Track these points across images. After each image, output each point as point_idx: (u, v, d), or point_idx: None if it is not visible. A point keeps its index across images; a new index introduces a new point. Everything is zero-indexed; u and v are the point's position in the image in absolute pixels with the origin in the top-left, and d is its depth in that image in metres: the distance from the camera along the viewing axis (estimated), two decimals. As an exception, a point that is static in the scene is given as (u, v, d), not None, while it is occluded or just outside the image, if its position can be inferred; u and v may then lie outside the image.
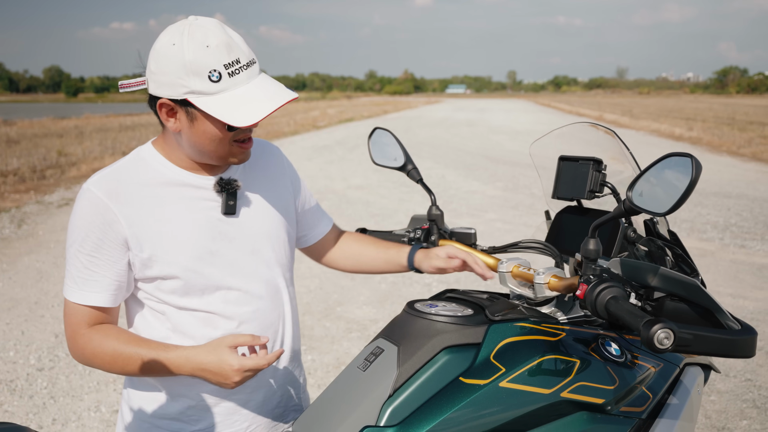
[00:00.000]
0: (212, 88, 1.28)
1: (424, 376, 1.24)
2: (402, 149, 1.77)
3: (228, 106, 1.28)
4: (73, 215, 1.38)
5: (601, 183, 1.56)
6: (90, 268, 1.37)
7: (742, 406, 3.58)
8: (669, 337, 1.01)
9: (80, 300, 1.38)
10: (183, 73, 1.27)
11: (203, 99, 1.28)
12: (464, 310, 1.36)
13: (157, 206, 1.38)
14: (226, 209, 1.44)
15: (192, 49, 1.26)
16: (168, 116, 1.34)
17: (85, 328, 1.39)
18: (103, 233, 1.36)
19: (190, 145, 1.38)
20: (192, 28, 1.28)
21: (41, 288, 5.61)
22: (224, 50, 1.27)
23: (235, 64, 1.28)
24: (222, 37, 1.28)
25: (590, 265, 1.26)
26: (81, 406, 3.55)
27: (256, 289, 1.48)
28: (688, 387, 1.44)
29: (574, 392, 1.27)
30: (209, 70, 1.27)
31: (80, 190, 1.38)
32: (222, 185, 1.43)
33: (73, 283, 1.38)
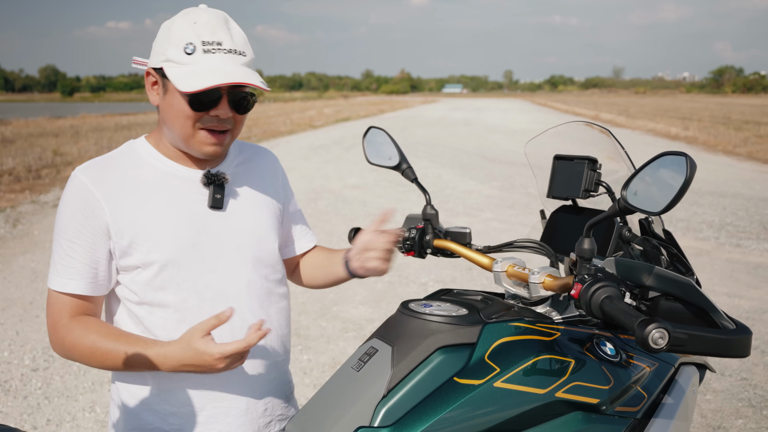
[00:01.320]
0: (184, 59, 1.31)
1: (418, 377, 1.24)
2: (397, 148, 1.76)
3: (186, 75, 1.30)
4: (60, 202, 1.40)
5: (596, 182, 1.56)
6: (70, 254, 1.37)
7: (738, 405, 3.58)
8: (664, 337, 1.01)
9: (59, 287, 1.38)
10: (166, 42, 1.33)
11: (173, 68, 1.32)
12: (458, 310, 1.35)
13: (142, 195, 1.39)
14: (213, 203, 1.42)
15: (180, 23, 1.33)
16: (152, 86, 1.39)
17: (66, 319, 1.38)
18: (86, 219, 1.36)
19: (164, 122, 1.40)
20: (192, 9, 1.36)
21: (36, 288, 5.58)
22: (208, 29, 1.32)
23: (213, 44, 1.32)
24: (214, 21, 1.33)
25: (585, 265, 1.25)
26: (75, 407, 3.54)
27: (235, 288, 1.44)
28: (683, 386, 1.44)
29: (569, 392, 1.27)
30: (186, 42, 1.31)
31: (70, 176, 1.40)
32: (209, 178, 1.43)
33: (54, 270, 1.39)
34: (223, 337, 1.38)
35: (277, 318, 1.54)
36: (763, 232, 7.75)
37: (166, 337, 1.40)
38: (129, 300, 1.42)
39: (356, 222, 8.02)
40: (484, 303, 1.42)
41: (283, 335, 1.56)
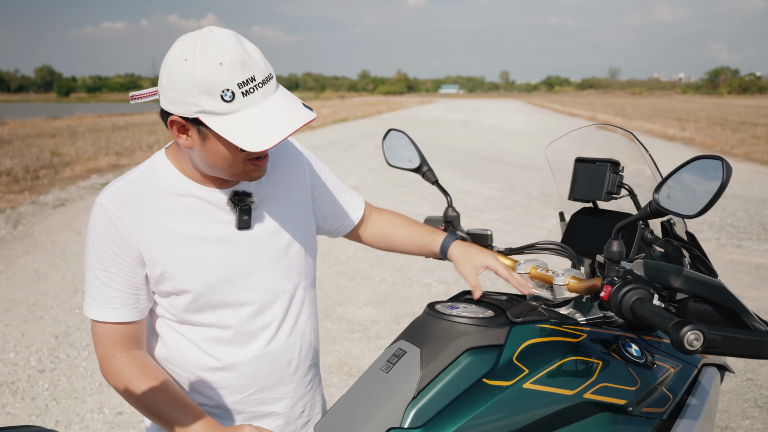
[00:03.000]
0: (225, 108, 1.19)
1: (447, 378, 1.24)
2: (417, 150, 1.77)
3: (241, 127, 1.20)
4: (89, 231, 1.35)
5: (619, 185, 1.57)
6: (108, 284, 1.34)
7: (744, 405, 3.60)
8: (699, 339, 1.02)
9: (102, 317, 1.35)
10: (195, 91, 1.19)
11: (215, 119, 1.20)
12: (485, 311, 1.36)
13: (170, 221, 1.34)
14: (240, 224, 1.39)
15: (204, 66, 1.17)
16: (179, 133, 1.27)
17: (120, 352, 1.35)
18: (119, 248, 1.33)
19: (202, 162, 1.32)
20: (205, 43, 1.19)
21: (39, 289, 5.58)
22: (238, 68, 1.18)
23: (249, 82, 1.19)
24: (237, 53, 1.19)
25: (614, 267, 1.27)
26: (84, 408, 3.54)
27: (270, 301, 1.45)
28: (707, 387, 1.45)
29: (596, 393, 1.28)
30: (222, 90, 1.18)
31: (94, 206, 1.35)
32: (236, 202, 1.38)
33: (92, 301, 1.35)
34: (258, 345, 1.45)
35: (310, 323, 1.55)
36: (763, 232, 7.78)
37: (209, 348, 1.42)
38: (168, 318, 1.43)
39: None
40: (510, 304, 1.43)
41: (314, 338, 1.58)
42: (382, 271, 6.05)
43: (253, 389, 1.47)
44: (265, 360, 1.46)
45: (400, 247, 1.72)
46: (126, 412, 3.49)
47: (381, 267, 6.17)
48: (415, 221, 1.73)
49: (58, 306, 5.16)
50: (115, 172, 13.25)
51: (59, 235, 7.54)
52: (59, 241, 7.28)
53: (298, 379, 1.53)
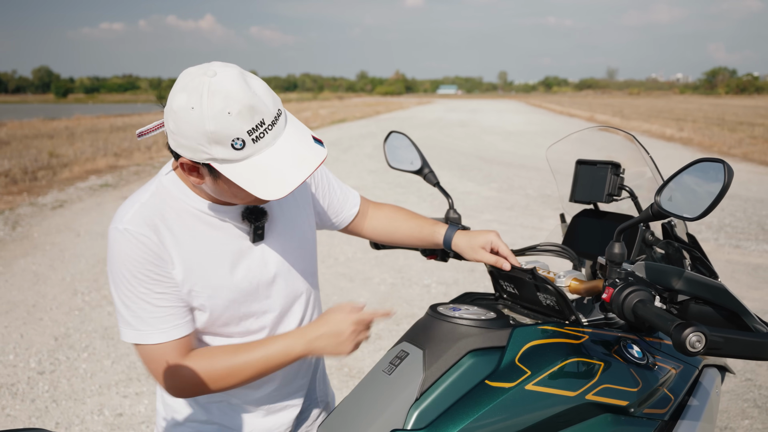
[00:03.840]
0: (236, 156, 1.19)
1: (450, 380, 1.25)
2: (418, 153, 1.78)
3: (254, 174, 1.20)
4: (117, 262, 1.30)
5: (619, 186, 1.58)
6: (161, 305, 1.31)
7: (743, 405, 3.61)
8: (701, 341, 1.03)
9: (165, 338, 1.32)
10: (204, 140, 1.17)
11: (227, 166, 1.20)
12: (487, 313, 1.37)
13: (191, 240, 1.34)
14: (255, 238, 1.40)
15: (212, 117, 1.15)
16: (189, 172, 1.26)
17: (183, 360, 1.34)
18: (158, 267, 1.30)
19: (213, 194, 1.32)
20: (212, 90, 1.16)
21: (38, 291, 5.57)
22: (247, 115, 1.16)
23: (259, 127, 1.18)
24: (244, 99, 1.16)
25: (615, 269, 1.27)
26: (84, 410, 3.53)
27: (289, 306, 1.50)
28: (708, 388, 1.46)
29: (598, 395, 1.28)
30: (232, 139, 1.17)
31: (114, 234, 1.30)
32: (251, 219, 1.39)
33: (149, 327, 1.31)
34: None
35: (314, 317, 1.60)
36: (761, 233, 7.80)
37: None
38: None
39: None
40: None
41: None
42: (382, 272, 6.06)
43: (275, 386, 1.51)
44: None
45: (402, 240, 1.73)
46: (126, 414, 3.49)
47: (380, 268, 6.17)
48: (415, 214, 1.73)
49: (58, 308, 5.16)
50: (113, 173, 13.24)
51: (58, 237, 7.54)
52: (58, 242, 7.27)
53: (312, 372, 1.60)
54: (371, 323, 1.38)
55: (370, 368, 4.04)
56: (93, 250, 6.88)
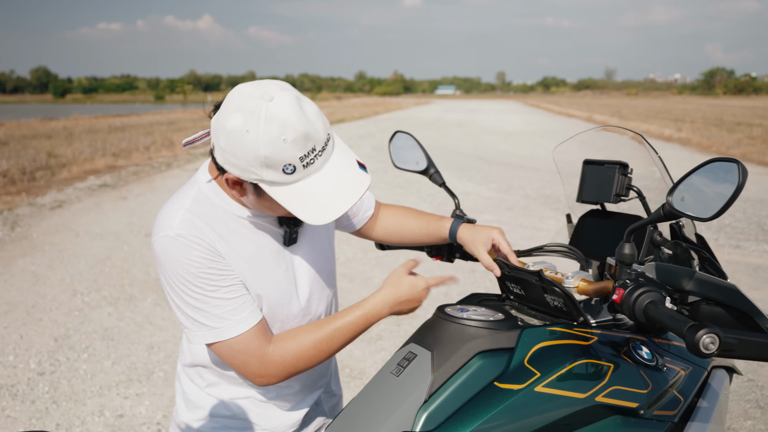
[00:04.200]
0: (285, 179, 1.22)
1: (458, 381, 1.24)
2: (424, 153, 1.77)
3: (300, 199, 1.23)
4: (177, 268, 1.30)
5: (627, 187, 1.57)
6: (232, 297, 1.33)
7: (746, 406, 3.60)
8: (714, 342, 1.02)
9: (244, 328, 1.33)
10: (256, 163, 1.20)
11: (275, 188, 1.23)
12: (495, 314, 1.36)
13: (235, 242, 1.36)
14: (290, 242, 1.44)
15: (268, 143, 1.17)
16: (233, 186, 1.29)
17: (270, 346, 1.36)
18: (218, 263, 1.32)
19: (254, 207, 1.35)
20: (269, 116, 1.17)
21: (38, 291, 5.55)
22: (301, 143, 1.19)
23: (310, 154, 1.21)
24: (300, 127, 1.18)
25: (626, 270, 1.26)
26: (84, 411, 3.52)
27: (320, 308, 1.53)
28: (717, 390, 1.45)
29: (608, 396, 1.27)
30: (284, 165, 1.20)
31: (167, 242, 1.29)
32: (288, 224, 1.42)
33: (225, 322, 1.32)
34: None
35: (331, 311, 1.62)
36: (761, 233, 7.80)
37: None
38: None
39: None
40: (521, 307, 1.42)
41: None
42: (382, 272, 6.04)
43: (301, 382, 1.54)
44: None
45: (410, 238, 1.75)
46: (127, 415, 3.48)
47: (381, 269, 6.16)
48: (421, 212, 1.75)
49: (57, 308, 5.14)
50: (112, 173, 13.22)
51: (57, 237, 7.52)
52: (57, 242, 7.25)
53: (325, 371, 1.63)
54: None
55: (371, 369, 4.03)
56: (92, 251, 6.86)
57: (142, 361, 4.16)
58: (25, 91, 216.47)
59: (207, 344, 1.35)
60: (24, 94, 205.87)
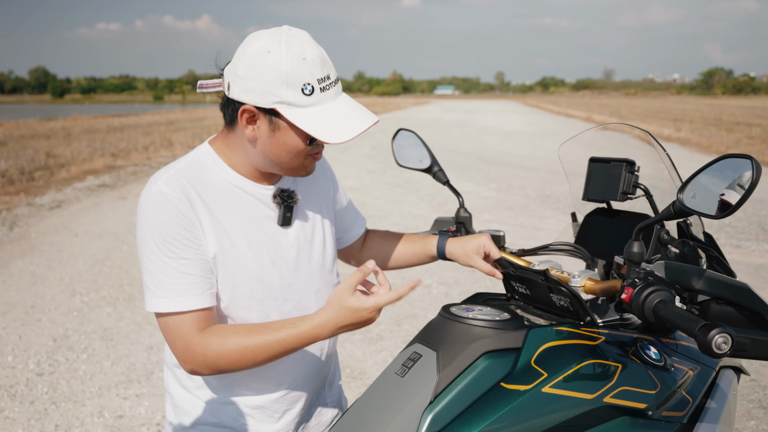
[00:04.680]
0: (304, 101, 1.25)
1: (464, 382, 1.22)
2: (428, 151, 1.75)
3: (318, 121, 1.26)
4: (147, 223, 1.29)
5: (634, 185, 1.55)
6: (186, 271, 1.30)
7: (749, 406, 3.59)
8: (727, 342, 1.00)
9: (185, 307, 1.30)
10: (277, 82, 1.23)
11: (293, 111, 1.25)
12: (501, 314, 1.34)
13: (220, 212, 1.35)
14: (283, 221, 1.41)
15: (289, 60, 1.23)
16: (248, 123, 1.30)
17: (198, 336, 1.31)
18: (189, 231, 1.30)
19: (263, 155, 1.34)
20: (289, 38, 1.25)
21: (36, 291, 5.53)
22: (318, 64, 1.25)
23: (326, 79, 1.27)
24: (317, 51, 1.26)
25: (634, 268, 1.24)
26: (84, 412, 3.50)
27: (308, 298, 1.47)
28: (725, 390, 1.43)
29: (616, 397, 1.25)
30: (303, 83, 1.24)
31: (147, 195, 1.30)
32: (283, 198, 1.40)
33: (169, 293, 1.29)
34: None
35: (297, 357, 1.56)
36: (762, 233, 7.79)
37: None
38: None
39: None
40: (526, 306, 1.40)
41: (335, 341, 1.60)
42: (382, 272, 6.03)
43: (284, 386, 1.48)
44: (298, 357, 1.47)
45: (398, 259, 1.74)
46: (126, 416, 3.46)
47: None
48: (406, 234, 1.74)
49: (56, 308, 5.11)
50: (110, 173, 13.19)
51: (56, 237, 7.49)
52: (56, 242, 7.23)
53: (319, 380, 1.55)
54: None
55: (372, 369, 4.01)
56: (91, 251, 6.83)
57: (141, 361, 4.14)
58: (24, 92, 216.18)
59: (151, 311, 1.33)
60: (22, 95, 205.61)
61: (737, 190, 1.04)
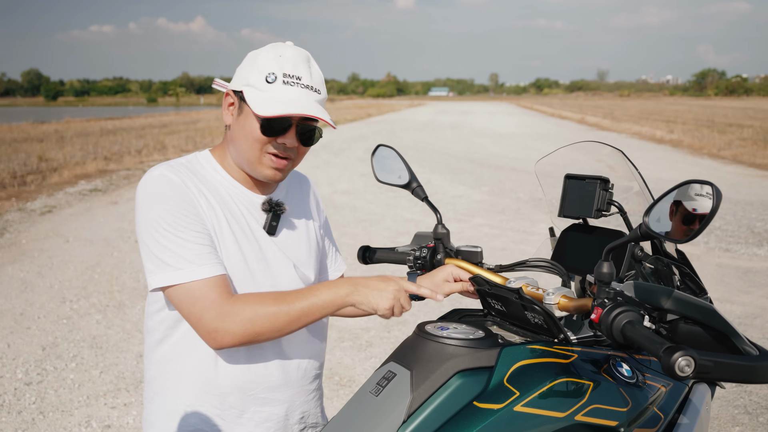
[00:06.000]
0: (264, 87, 1.38)
1: (437, 401, 1.23)
2: (406, 166, 1.76)
3: (264, 101, 1.37)
4: (154, 203, 1.36)
5: (608, 202, 1.56)
6: (200, 242, 1.36)
7: (734, 412, 3.61)
8: (690, 365, 1.01)
9: (208, 274, 1.34)
10: (249, 68, 1.41)
11: (253, 92, 1.39)
12: (476, 332, 1.35)
13: (214, 202, 1.43)
14: (269, 229, 1.49)
15: (266, 54, 1.42)
16: (228, 107, 1.46)
17: (229, 300, 1.34)
18: (194, 207, 1.38)
19: (233, 143, 1.45)
20: (280, 44, 1.45)
21: (26, 299, 5.51)
22: (290, 64, 1.40)
23: (293, 77, 1.40)
24: (297, 57, 1.42)
25: (604, 288, 1.26)
26: (71, 422, 3.49)
27: None
28: (698, 405, 1.45)
29: (588, 415, 1.27)
30: (269, 72, 1.39)
31: (149, 179, 1.38)
32: (271, 205, 1.49)
33: (189, 263, 1.33)
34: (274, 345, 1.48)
35: (318, 334, 1.60)
36: (751, 236, 7.83)
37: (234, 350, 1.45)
38: None
39: (348, 228, 8.00)
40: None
41: (321, 349, 1.62)
42: (373, 277, 6.03)
43: (261, 387, 1.49)
44: (278, 360, 1.50)
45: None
46: (114, 426, 3.45)
47: (371, 274, 6.15)
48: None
49: (46, 316, 5.10)
50: (103, 177, 13.16)
51: (47, 243, 7.47)
52: (47, 249, 7.21)
53: (302, 385, 1.56)
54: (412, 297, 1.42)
55: (360, 377, 4.02)
56: (82, 257, 6.82)
57: (130, 369, 4.13)
58: (17, 94, 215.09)
59: (167, 288, 1.35)
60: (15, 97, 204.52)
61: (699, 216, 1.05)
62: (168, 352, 1.47)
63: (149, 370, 1.52)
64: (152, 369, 1.51)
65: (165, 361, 1.47)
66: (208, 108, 70.29)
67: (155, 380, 1.50)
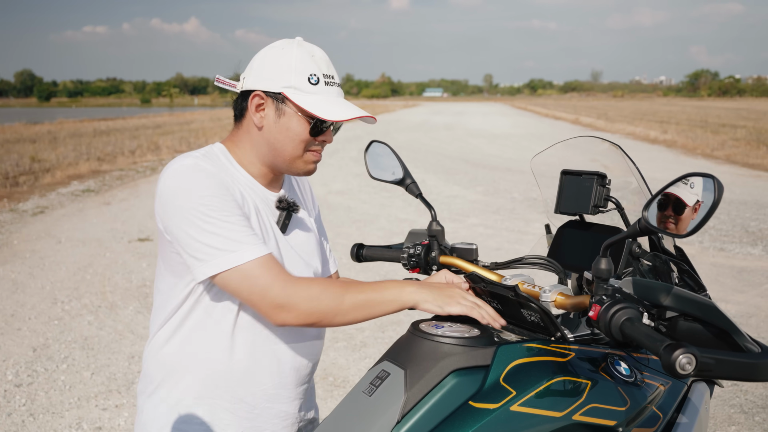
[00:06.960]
0: (309, 88, 1.39)
1: (432, 401, 1.20)
2: (400, 163, 1.73)
3: (321, 104, 1.38)
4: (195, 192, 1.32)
5: (605, 198, 1.54)
6: (246, 225, 1.35)
7: (730, 411, 3.60)
8: (691, 363, 0.99)
9: (263, 251, 1.33)
10: (286, 69, 1.38)
11: (299, 94, 1.38)
12: (471, 330, 1.32)
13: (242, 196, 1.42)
14: (281, 226, 1.49)
15: (299, 55, 1.40)
16: (257, 109, 1.41)
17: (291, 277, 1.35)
18: (231, 194, 1.37)
19: (267, 143, 1.43)
20: (301, 42, 1.43)
21: (17, 300, 5.46)
22: (324, 64, 1.42)
23: (331, 78, 1.42)
24: (325, 56, 1.44)
25: (602, 285, 1.23)
26: (62, 423, 3.45)
27: None
28: (697, 404, 1.43)
29: (585, 414, 1.24)
30: (310, 73, 1.39)
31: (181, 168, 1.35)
32: (287, 204, 1.49)
33: (243, 245, 1.32)
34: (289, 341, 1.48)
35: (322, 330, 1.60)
36: (745, 235, 7.84)
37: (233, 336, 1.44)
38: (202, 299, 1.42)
39: (342, 228, 7.97)
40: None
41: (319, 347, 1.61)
42: (368, 277, 6.01)
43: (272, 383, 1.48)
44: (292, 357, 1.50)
45: None
46: (105, 428, 3.41)
47: (366, 275, 6.13)
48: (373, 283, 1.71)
49: (37, 317, 5.05)
50: (96, 178, 13.09)
51: (38, 244, 7.41)
52: (38, 249, 7.15)
53: (306, 382, 1.57)
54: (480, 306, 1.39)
55: (354, 377, 3.99)
56: (74, 258, 6.77)
57: (122, 371, 4.09)
58: (9, 95, 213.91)
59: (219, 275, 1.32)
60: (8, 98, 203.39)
61: (700, 209, 1.03)
62: (177, 346, 1.45)
63: (150, 365, 1.49)
64: (155, 363, 1.47)
65: (172, 354, 1.45)
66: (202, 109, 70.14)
67: (158, 374, 1.47)
